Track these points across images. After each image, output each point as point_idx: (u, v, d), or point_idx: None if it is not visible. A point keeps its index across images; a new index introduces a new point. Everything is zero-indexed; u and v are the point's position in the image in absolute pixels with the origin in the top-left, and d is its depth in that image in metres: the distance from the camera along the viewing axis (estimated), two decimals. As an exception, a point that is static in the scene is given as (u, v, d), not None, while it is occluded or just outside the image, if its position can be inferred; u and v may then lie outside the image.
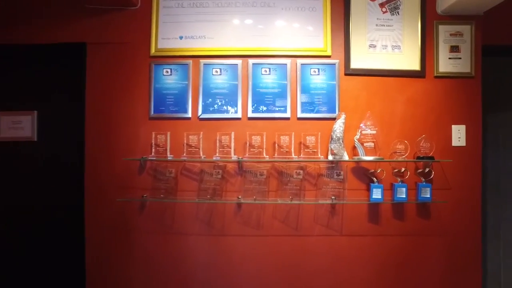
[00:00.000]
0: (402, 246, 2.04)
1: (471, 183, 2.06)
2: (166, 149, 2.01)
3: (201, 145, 2.01)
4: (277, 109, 2.04)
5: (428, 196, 1.94)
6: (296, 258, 2.02)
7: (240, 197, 1.98)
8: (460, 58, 2.08)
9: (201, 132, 2.02)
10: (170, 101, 2.09)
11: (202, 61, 2.09)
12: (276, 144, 1.99)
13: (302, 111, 2.04)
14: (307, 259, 2.02)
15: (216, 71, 2.09)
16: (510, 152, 3.05)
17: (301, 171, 1.99)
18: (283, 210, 2.03)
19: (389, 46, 2.08)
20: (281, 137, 1.98)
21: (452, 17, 2.09)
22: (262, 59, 2.08)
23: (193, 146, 2.02)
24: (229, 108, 2.06)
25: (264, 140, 1.97)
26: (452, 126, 2.05)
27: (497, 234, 3.23)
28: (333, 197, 1.96)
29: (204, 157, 2.00)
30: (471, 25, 2.09)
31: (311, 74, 2.06)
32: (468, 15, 2.09)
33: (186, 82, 2.09)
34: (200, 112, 2.06)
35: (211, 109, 2.07)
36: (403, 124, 2.04)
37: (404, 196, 1.93)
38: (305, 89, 2.06)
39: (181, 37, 2.11)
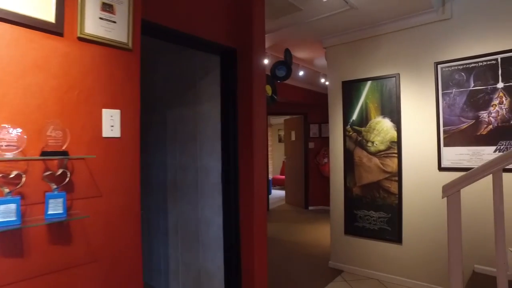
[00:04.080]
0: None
1: (129, 185, 1.61)
2: None
3: None
4: None
5: (62, 212, 1.29)
6: None
7: None
8: (115, 22, 1.57)
9: None
10: None
11: None
12: None
13: None
14: None
15: None
16: (184, 148, 3.04)
17: None
18: None
19: (3, -26, 1.26)
20: None
21: (107, -32, 1.56)
22: None
23: None
24: None
25: None
26: (103, 110, 1.52)
27: (176, 231, 3.16)
28: None
29: None
30: (132, -14, 1.65)
31: None
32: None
33: None
34: None
35: None
36: (24, 102, 1.29)
37: (15, 218, 1.17)
38: None
39: None
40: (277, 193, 10.07)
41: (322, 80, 5.56)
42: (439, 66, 3.07)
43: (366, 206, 3.49)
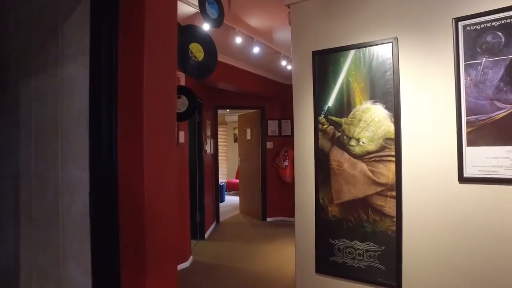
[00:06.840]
0: None
1: None
2: None
3: None
4: None
5: None
6: None
7: None
8: None
9: None
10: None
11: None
12: None
13: None
14: None
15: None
16: (41, 146, 1.72)
17: None
18: None
19: None
20: None
21: None
22: None
23: None
24: None
25: None
26: None
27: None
28: None
29: None
30: None
31: None
32: None
33: None
34: None
35: None
36: None
37: None
38: None
39: None
40: (231, 200, 8.86)
41: (283, 63, 4.43)
42: (460, 23, 2.03)
43: (348, 234, 2.38)
